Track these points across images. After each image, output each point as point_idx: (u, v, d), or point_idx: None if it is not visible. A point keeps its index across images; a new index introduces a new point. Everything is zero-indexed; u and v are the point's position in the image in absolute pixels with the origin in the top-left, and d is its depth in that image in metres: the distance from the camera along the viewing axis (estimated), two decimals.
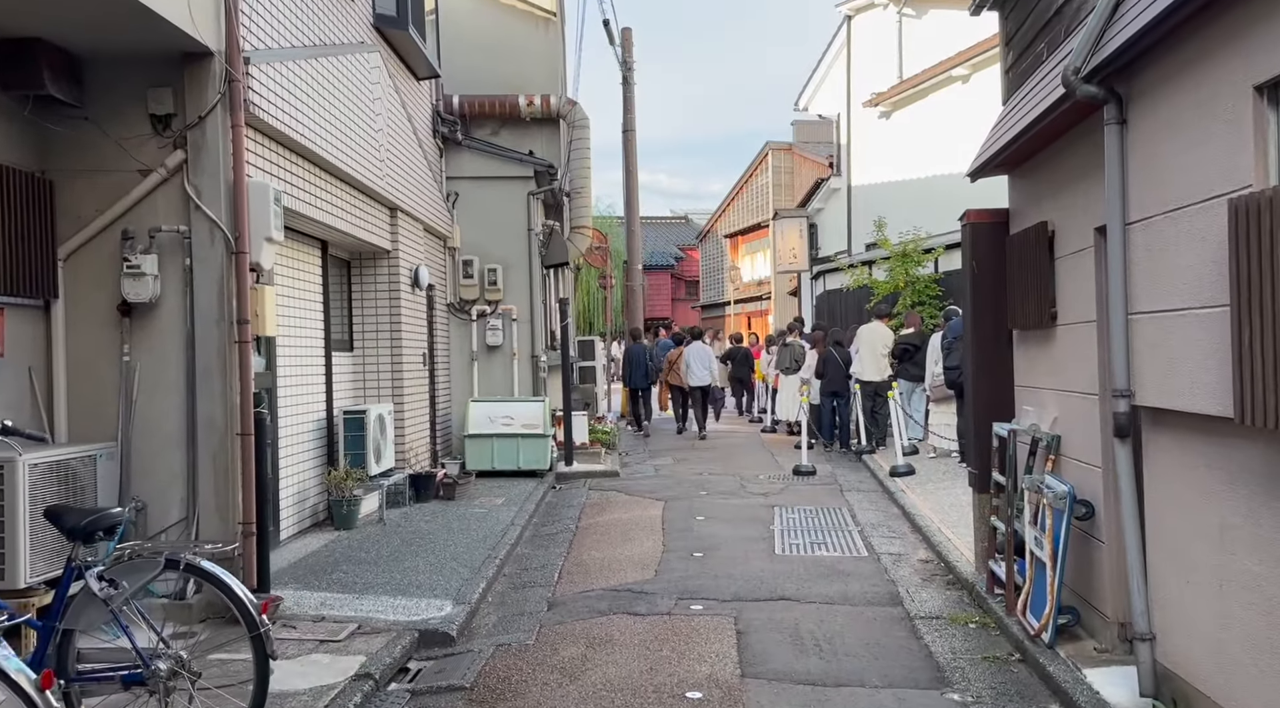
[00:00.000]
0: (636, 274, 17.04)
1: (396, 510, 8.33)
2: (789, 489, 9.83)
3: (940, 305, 13.05)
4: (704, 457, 12.46)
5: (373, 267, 8.69)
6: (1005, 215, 6.02)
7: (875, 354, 12.08)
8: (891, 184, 15.87)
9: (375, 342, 8.69)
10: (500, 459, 10.38)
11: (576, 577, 6.42)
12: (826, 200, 20.83)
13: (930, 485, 9.15)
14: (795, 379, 14.40)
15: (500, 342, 11.10)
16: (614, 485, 10.25)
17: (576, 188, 13.15)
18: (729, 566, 6.58)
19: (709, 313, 38.68)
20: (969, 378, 6.18)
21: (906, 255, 13.18)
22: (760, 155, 32.76)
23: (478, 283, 11.09)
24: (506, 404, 10.62)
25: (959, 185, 14.67)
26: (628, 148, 16.81)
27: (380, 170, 8.03)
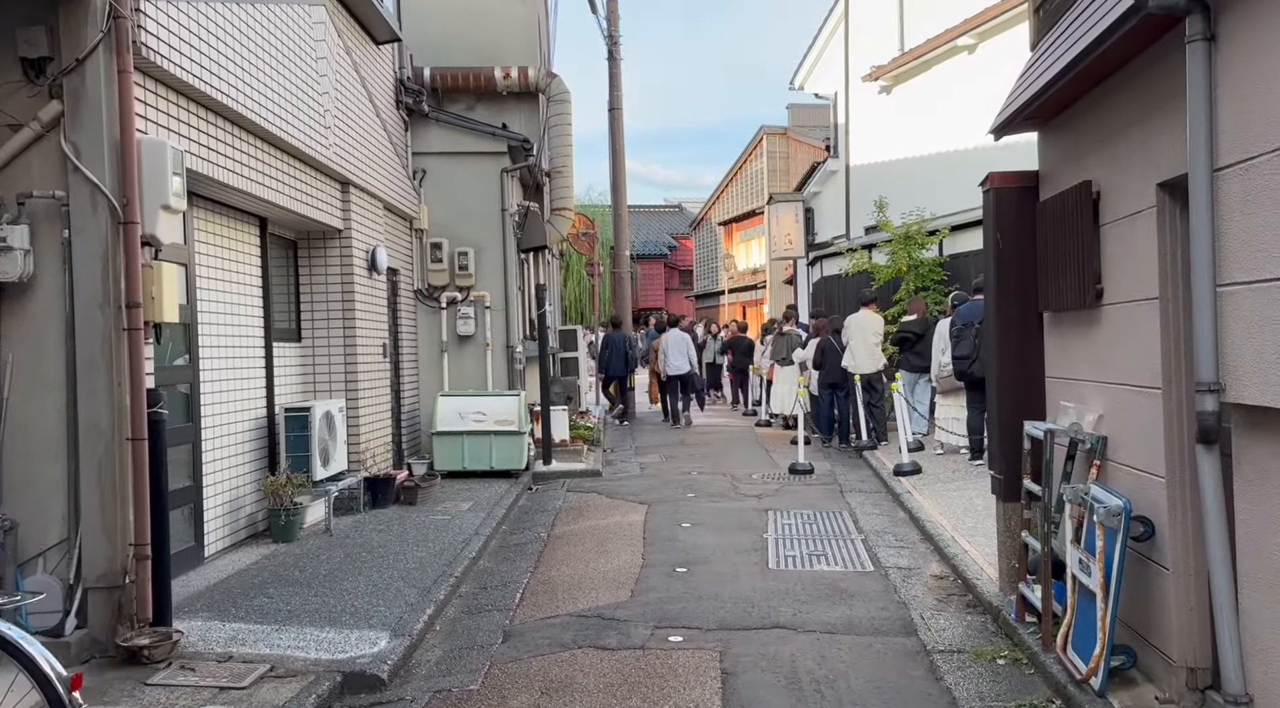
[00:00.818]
0: (624, 260, 16.20)
1: (348, 518, 7.50)
2: (785, 490, 9.01)
3: (945, 290, 12.23)
4: (694, 454, 11.65)
5: (322, 248, 7.84)
6: (1034, 179, 5.20)
7: (867, 344, 11.27)
8: (892, 163, 15.02)
9: (326, 331, 7.84)
10: (471, 459, 9.56)
11: (541, 598, 5.60)
12: (823, 184, 19.98)
13: (939, 486, 8.34)
14: (792, 370, 13.58)
15: (472, 331, 10.26)
16: (595, 487, 9.43)
17: (557, 167, 12.31)
18: (716, 584, 5.76)
19: (703, 303, 37.87)
20: (992, 369, 5.36)
21: (909, 238, 12.34)
22: (755, 140, 31.91)
23: (447, 268, 10.24)
24: (478, 399, 9.79)
25: (965, 162, 13.79)
26: (614, 127, 15.94)
27: (326, 139, 7.18)
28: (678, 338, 14.36)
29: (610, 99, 16.02)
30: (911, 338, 11.25)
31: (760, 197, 31.58)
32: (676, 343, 14.28)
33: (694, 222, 39.92)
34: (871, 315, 11.46)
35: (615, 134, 15.96)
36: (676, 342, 14.29)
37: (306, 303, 7.83)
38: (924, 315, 11.36)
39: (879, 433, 11.29)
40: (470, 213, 10.33)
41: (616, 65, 15.95)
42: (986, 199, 5.31)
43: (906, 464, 9.05)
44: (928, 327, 11.18)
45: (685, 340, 14.49)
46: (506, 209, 10.35)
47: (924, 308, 11.47)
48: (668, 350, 14.22)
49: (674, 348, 14.21)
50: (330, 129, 7.26)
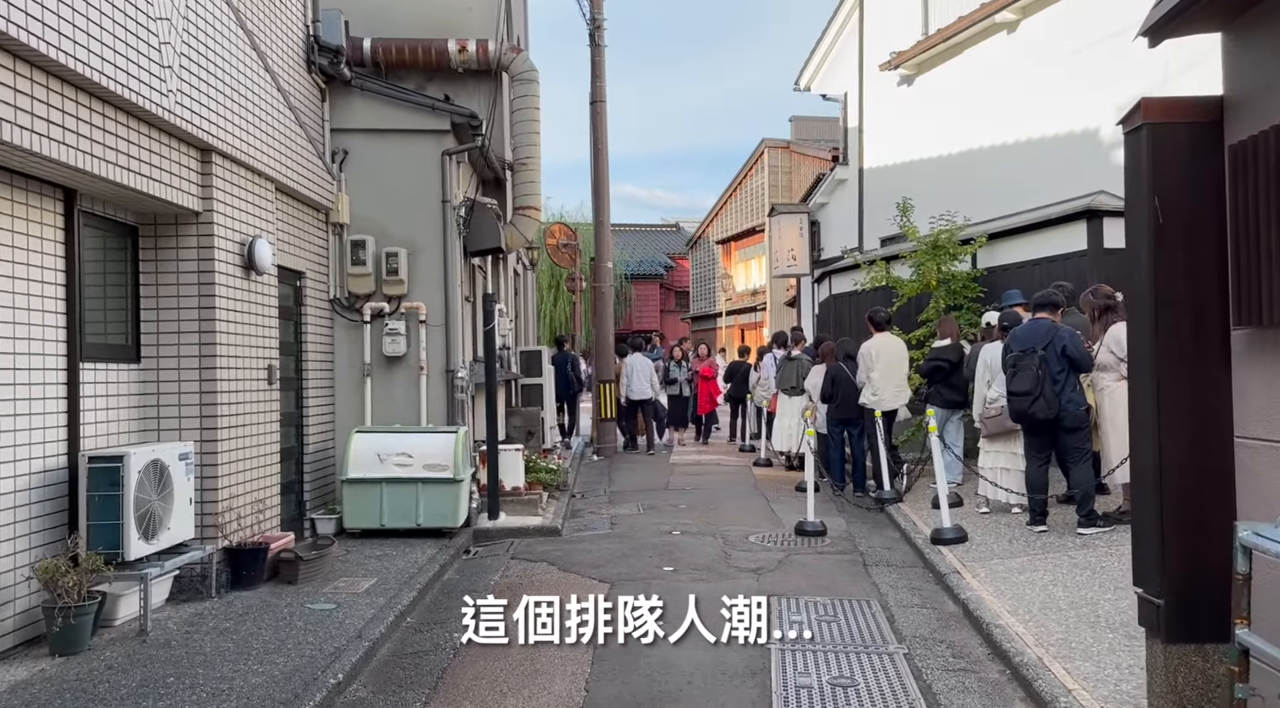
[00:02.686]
0: (605, 273, 14.21)
1: (189, 609, 5.45)
2: (791, 561, 6.96)
3: (980, 309, 10.25)
4: (679, 502, 9.59)
5: (173, 236, 5.83)
6: (1218, 109, 3.21)
7: (895, 374, 9.26)
8: (913, 165, 13.09)
9: (177, 349, 5.82)
10: (392, 514, 7.51)
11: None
12: (831, 194, 18.06)
13: (995, 563, 6.29)
14: (799, 402, 11.55)
15: (403, 351, 8.24)
16: (549, 552, 7.37)
17: (522, 159, 10.34)
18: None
19: (699, 325, 35.94)
20: (1144, 420, 3.36)
21: (938, 247, 10.37)
22: (755, 154, 30.10)
23: (373, 272, 8.24)
24: (404, 437, 7.75)
25: (1004, 160, 11.64)
26: (596, 122, 14.01)
27: (167, 85, 5.19)
28: (641, 362, 13.51)
29: (592, 90, 14.10)
30: (945, 367, 9.24)
31: (761, 213, 29.68)
32: (640, 367, 13.42)
33: (691, 240, 38.05)
34: (896, 340, 9.46)
35: (597, 130, 14.03)
36: (640, 366, 13.43)
37: (151, 310, 5.82)
38: (958, 339, 9.37)
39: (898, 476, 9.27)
40: (403, 205, 8.35)
41: (600, 52, 14.05)
42: (1133, 146, 3.32)
43: (948, 529, 7.00)
44: (962, 353, 9.21)
45: (648, 365, 13.68)
46: (449, 201, 8.37)
47: (958, 330, 9.48)
48: (630, 374, 13.45)
49: (637, 372, 13.39)
50: (172, 71, 5.27)
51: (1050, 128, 10.35)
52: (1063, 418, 6.81)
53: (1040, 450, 7.10)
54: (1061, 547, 6.54)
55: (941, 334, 9.50)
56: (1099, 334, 6.92)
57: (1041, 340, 6.92)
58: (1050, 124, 10.37)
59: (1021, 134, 10.80)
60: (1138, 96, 3.36)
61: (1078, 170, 9.83)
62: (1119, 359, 6.78)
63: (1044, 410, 6.79)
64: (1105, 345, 6.84)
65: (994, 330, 8.29)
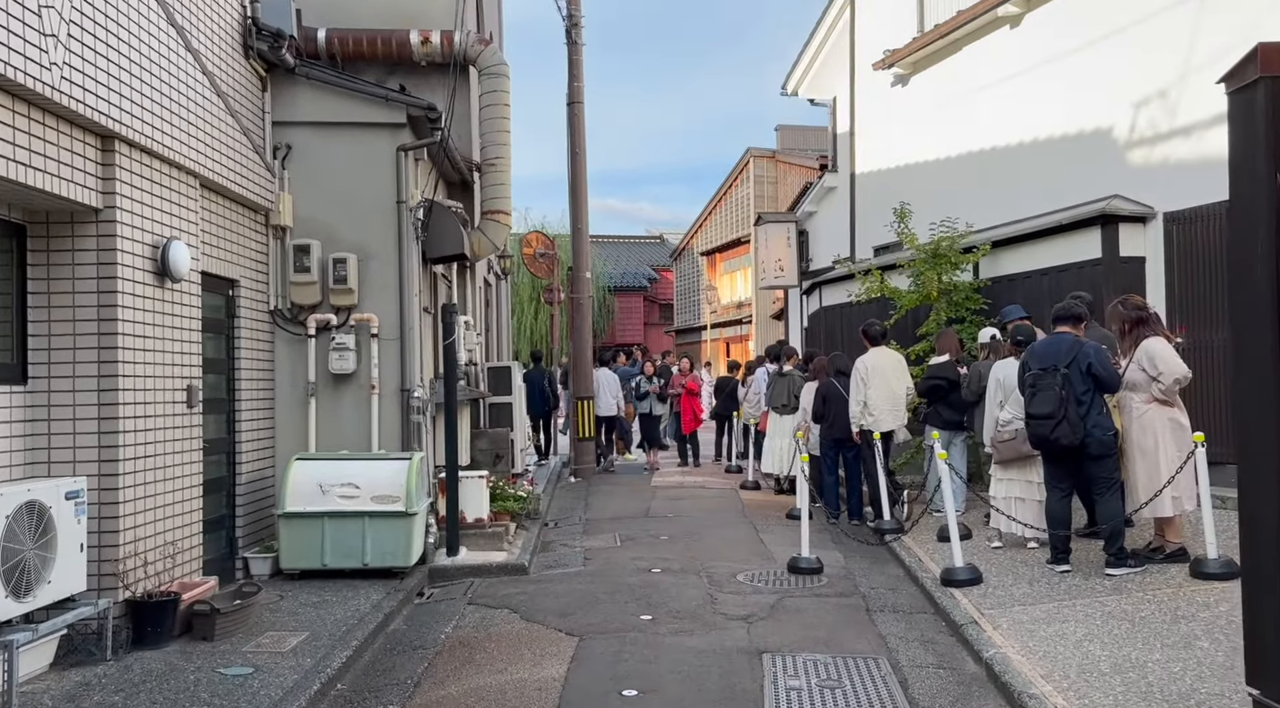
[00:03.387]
0: (583, 283, 13.43)
1: (75, 675, 4.60)
2: (785, 606, 6.16)
3: (982, 321, 9.52)
4: (660, 533, 8.79)
5: (68, 238, 5.01)
6: None
7: (893, 393, 8.51)
8: (910, 169, 12.39)
9: (72, 368, 4.99)
10: (335, 552, 6.68)
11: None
12: (820, 202, 17.36)
13: (1018, 610, 5.52)
14: (791, 421, 10.80)
15: (352, 368, 7.41)
16: (511, 595, 6.56)
17: (490, 159, 9.56)
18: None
19: (683, 338, 35.23)
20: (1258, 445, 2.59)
21: (939, 255, 9.64)
22: (740, 163, 29.48)
23: (318, 280, 7.42)
24: (349, 465, 6.93)
25: (1006, 163, 10.87)
26: (573, 124, 13.26)
27: (50, 57, 4.39)
28: (608, 377, 13.17)
29: (569, 91, 13.36)
30: (944, 385, 8.51)
31: (746, 224, 29.01)
32: (606, 382, 13.07)
33: (675, 252, 37.36)
34: (892, 355, 8.71)
35: (575, 132, 13.28)
36: (606, 381, 13.08)
37: (41, 323, 4.99)
38: (957, 355, 8.65)
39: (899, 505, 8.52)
40: (354, 206, 7.54)
41: (577, 50, 13.32)
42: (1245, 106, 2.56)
43: (961, 569, 6.23)
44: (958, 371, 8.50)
45: (615, 381, 13.34)
46: (405, 202, 7.56)
47: (958, 345, 8.76)
48: (598, 390, 13.05)
49: (603, 387, 13.04)
50: (58, 41, 4.46)
51: (1058, 128, 9.66)
52: (1088, 444, 6.06)
53: (1062, 480, 6.35)
54: (1090, 591, 5.78)
55: (940, 349, 8.78)
56: (1129, 350, 6.19)
57: (1064, 357, 6.18)
58: (1058, 124, 9.69)
59: (1026, 135, 10.12)
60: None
61: (1089, 173, 9.14)
62: (1151, 378, 6.05)
63: (1068, 436, 6.05)
64: (1136, 362, 6.11)
65: (1002, 347, 7.56)
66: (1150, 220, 8.45)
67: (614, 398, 13.41)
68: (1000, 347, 8.15)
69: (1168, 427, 6.10)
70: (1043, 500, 6.94)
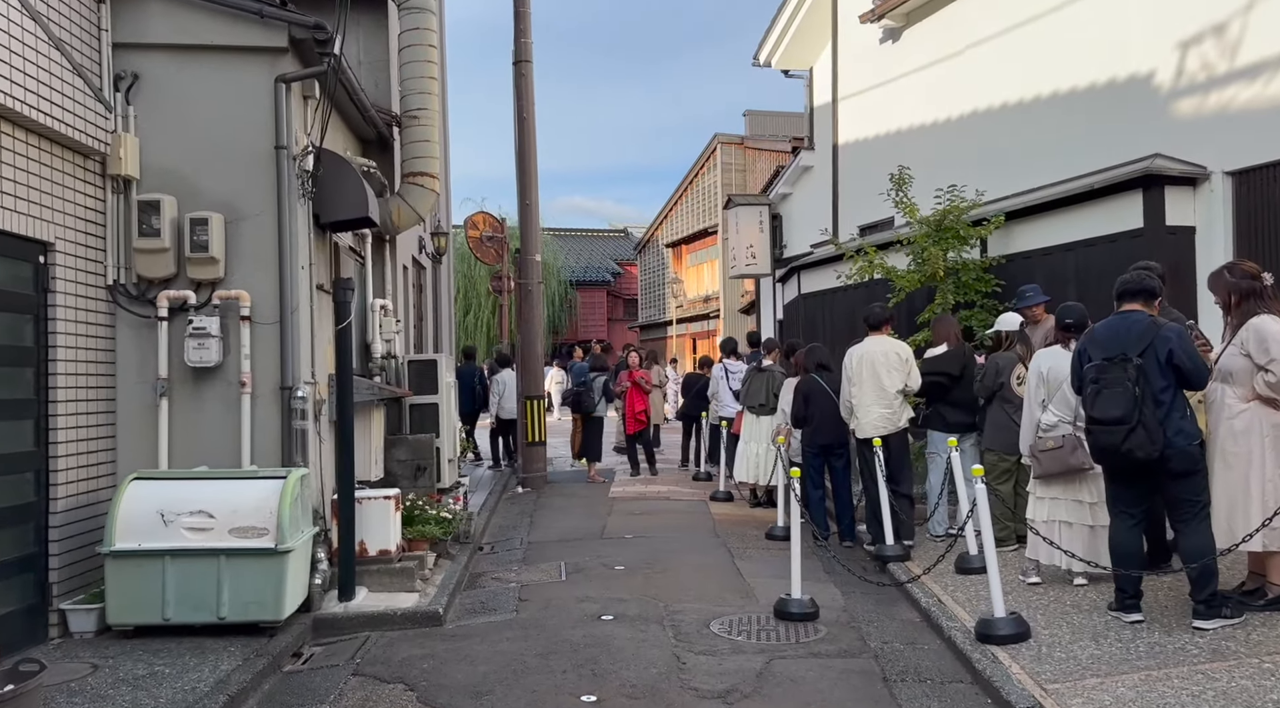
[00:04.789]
0: (533, 268, 11.83)
1: None
2: (773, 673, 4.63)
3: (994, 306, 8.10)
4: (615, 561, 7.22)
5: None
6: None
7: (882, 389, 7.05)
8: (902, 135, 10.96)
9: None
10: (181, 602, 5.05)
11: None
12: (795, 183, 15.91)
13: (1091, 682, 4.04)
14: (767, 423, 9.33)
15: (216, 360, 5.77)
16: (413, 660, 4.96)
17: (412, 111, 7.95)
18: None
19: (648, 334, 33.71)
20: None
21: (943, 229, 8.19)
22: (707, 150, 27.99)
23: (171, 246, 5.77)
24: (203, 486, 5.29)
25: (1022, 121, 8.85)
26: (520, 86, 11.65)
27: None
28: (512, 379, 12.51)
29: (516, 48, 11.73)
30: (944, 382, 7.08)
31: (713, 213, 27.59)
32: (512, 384, 12.44)
33: (639, 244, 35.82)
34: (887, 342, 7.23)
35: (522, 95, 11.68)
36: (512, 383, 12.42)
37: None
38: (959, 345, 7.23)
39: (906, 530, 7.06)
40: (220, 153, 5.91)
41: (524, 3, 11.70)
42: None
43: (1003, 621, 4.74)
44: (965, 363, 7.08)
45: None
46: (287, 148, 5.92)
47: (957, 332, 7.34)
48: (502, 391, 12.66)
49: (510, 388, 12.53)
50: None
51: (1082, 79, 8.25)
52: (1169, 457, 4.60)
53: (1132, 504, 4.89)
54: (1182, 654, 4.33)
55: (936, 338, 7.34)
56: (1235, 328, 4.74)
57: (1136, 343, 4.72)
58: (1082, 75, 8.28)
59: (1044, 88, 8.71)
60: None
61: (1122, 130, 7.75)
62: (1259, 367, 4.61)
63: (1144, 447, 4.58)
64: (1237, 345, 4.67)
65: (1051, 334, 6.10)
66: (1202, 182, 7.04)
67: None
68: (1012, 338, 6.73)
69: (1270, 434, 4.67)
70: (1095, 526, 5.51)
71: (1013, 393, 6.59)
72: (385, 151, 8.26)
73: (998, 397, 6.68)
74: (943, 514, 7.25)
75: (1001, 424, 6.66)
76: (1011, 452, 6.59)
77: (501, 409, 12.94)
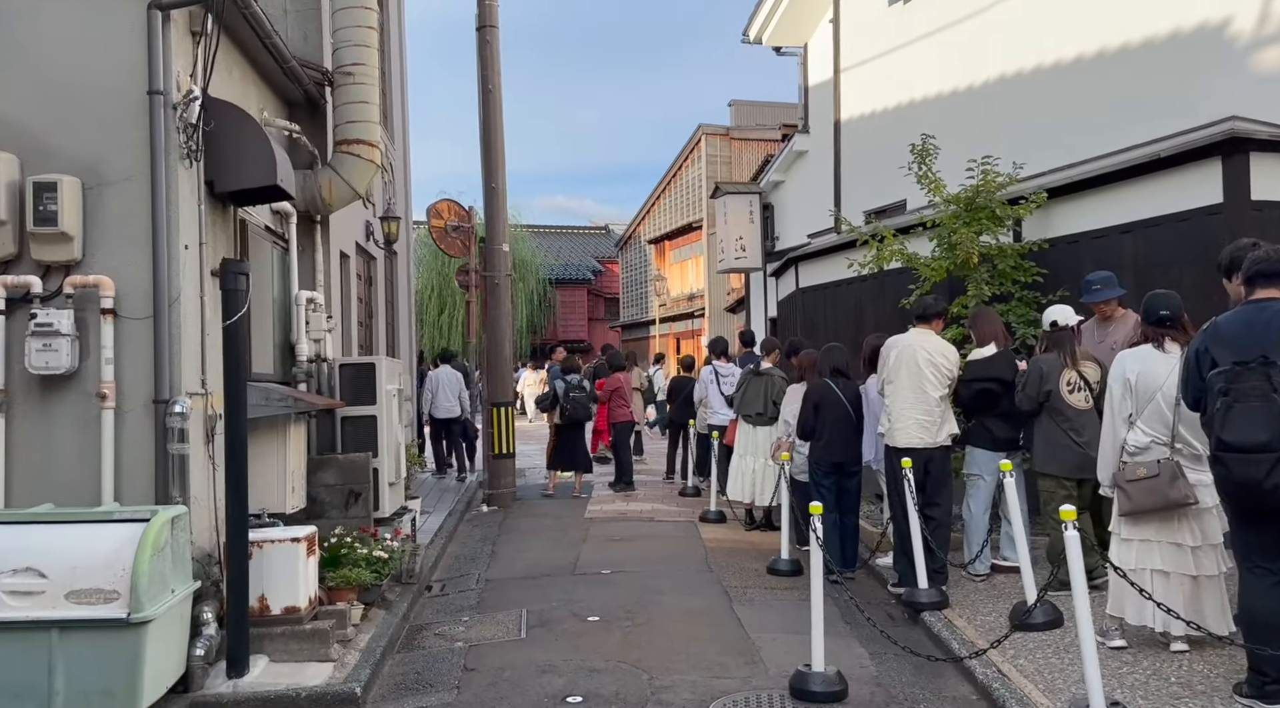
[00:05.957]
0: (499, 259, 10.54)
1: None
2: None
3: (1036, 300, 6.90)
4: (589, 606, 5.94)
5: None
6: None
7: (921, 392, 5.80)
8: (915, 107, 9.75)
9: None
10: None
11: None
12: (788, 170, 14.72)
13: None
14: (765, 435, 8.10)
15: (68, 365, 4.46)
16: None
17: (346, 67, 6.70)
18: None
19: (630, 334, 32.50)
20: None
21: (976, 209, 6.97)
22: (691, 142, 26.75)
23: (9, 219, 4.46)
24: (33, 532, 3.97)
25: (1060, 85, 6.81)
26: (484, 54, 10.35)
27: None
28: (448, 376, 12.28)
29: (480, 13, 10.41)
30: (995, 389, 5.86)
31: (698, 208, 26.37)
32: (447, 381, 12.22)
33: (621, 241, 34.55)
34: (932, 338, 5.99)
35: (487, 63, 10.38)
36: (447, 380, 12.23)
37: None
38: (1006, 345, 6.02)
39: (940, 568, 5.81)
40: (76, 100, 4.60)
41: None
42: None
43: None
44: (1013, 366, 5.89)
45: (456, 379, 12.34)
46: (163, 95, 4.61)
47: (1003, 330, 6.12)
48: (435, 390, 12.21)
49: (443, 387, 12.18)
50: None
51: (1139, 31, 7.06)
52: None
53: (1275, 556, 3.67)
54: None
55: (980, 337, 6.08)
56: None
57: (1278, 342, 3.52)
58: (1139, 26, 7.08)
59: (1088, 45, 7.52)
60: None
61: (1187, 91, 6.58)
62: None
63: None
64: None
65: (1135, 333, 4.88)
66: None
67: (455, 398, 12.20)
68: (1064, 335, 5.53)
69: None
70: (1199, 576, 4.31)
71: (1064, 403, 5.39)
72: (315, 115, 6.95)
73: (1046, 408, 5.47)
74: (986, 551, 6.03)
75: (1057, 442, 5.45)
76: (1073, 474, 5.38)
77: (435, 408, 12.22)
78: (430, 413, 12.40)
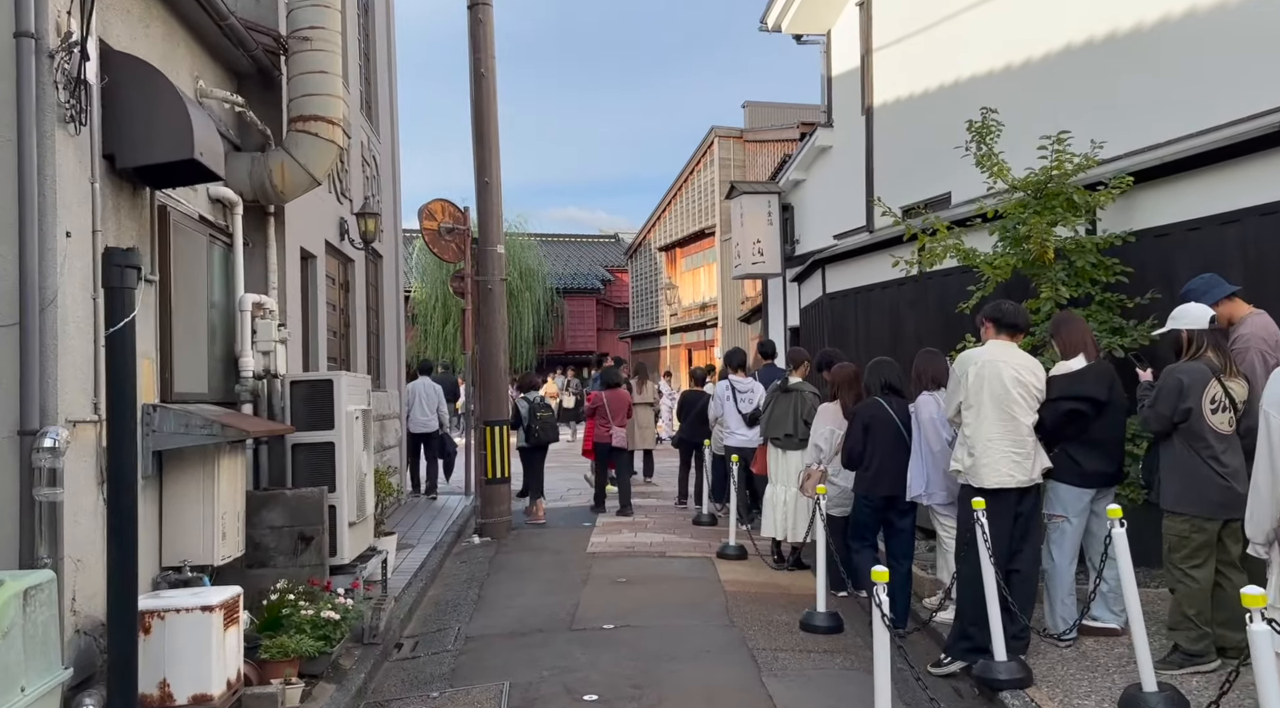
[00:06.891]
0: (494, 261, 9.50)
1: None
2: None
3: (1124, 305, 5.80)
4: (585, 683, 4.84)
5: None
6: None
7: (1013, 420, 4.68)
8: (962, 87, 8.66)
9: None
10: None
11: None
12: (809, 167, 13.66)
13: None
14: (797, 460, 7.02)
15: None
16: None
17: (302, 30, 5.68)
18: None
19: (640, 345, 31.44)
20: None
21: (1048, 196, 5.88)
22: (704, 145, 25.73)
23: None
24: None
25: (1153, 53, 4.86)
26: (476, 31, 9.31)
27: None
28: (425, 388, 11.65)
29: None
30: (1086, 410, 4.76)
31: (710, 213, 25.34)
32: (424, 394, 11.58)
33: (630, 249, 33.52)
34: (1025, 356, 4.88)
35: (479, 44, 9.37)
36: (424, 392, 11.59)
37: None
38: (1097, 357, 4.92)
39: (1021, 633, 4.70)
40: None
41: None
42: None
43: None
44: (1111, 386, 4.80)
45: (435, 392, 11.72)
46: (35, 38, 3.59)
47: (1093, 340, 5.02)
48: (411, 403, 11.60)
49: (420, 399, 11.56)
50: None
51: None
52: None
53: None
54: None
55: (1067, 348, 4.95)
56: None
57: None
58: None
59: (1176, 5, 6.44)
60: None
61: None
62: None
63: None
64: None
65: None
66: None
67: (434, 412, 11.52)
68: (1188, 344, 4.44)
69: None
70: None
71: (1205, 425, 4.29)
72: (269, 91, 5.94)
73: (1181, 431, 4.37)
74: (1070, 607, 4.92)
75: (1195, 473, 4.34)
76: (1213, 516, 4.29)
77: (411, 422, 11.46)
78: (407, 427, 11.57)
